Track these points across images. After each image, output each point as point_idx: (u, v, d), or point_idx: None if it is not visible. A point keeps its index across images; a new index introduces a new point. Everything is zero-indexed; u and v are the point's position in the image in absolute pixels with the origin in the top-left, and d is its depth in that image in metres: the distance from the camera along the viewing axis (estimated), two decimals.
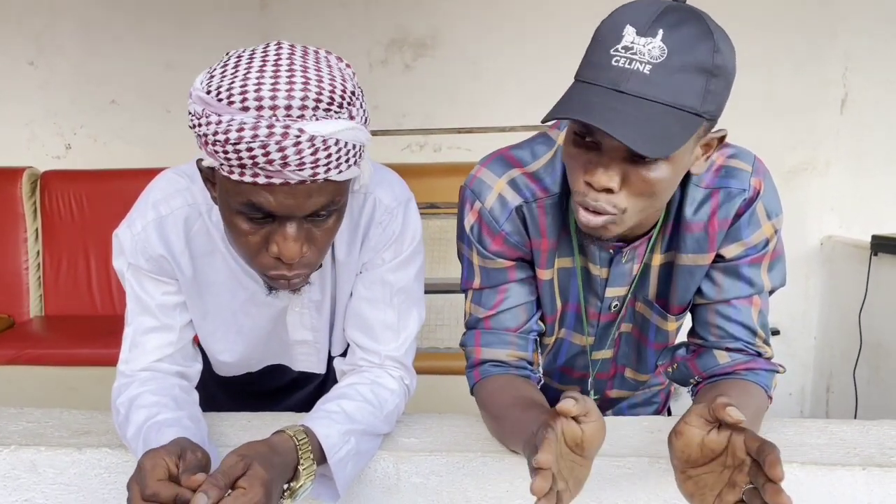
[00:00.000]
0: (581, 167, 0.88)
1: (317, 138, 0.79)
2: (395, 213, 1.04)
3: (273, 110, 0.77)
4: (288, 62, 0.81)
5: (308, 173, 0.81)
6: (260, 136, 0.78)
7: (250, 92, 0.78)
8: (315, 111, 0.79)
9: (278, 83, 0.78)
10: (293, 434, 0.88)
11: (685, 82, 0.81)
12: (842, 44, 3.24)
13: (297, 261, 0.89)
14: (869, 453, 0.99)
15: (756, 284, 1.05)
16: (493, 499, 1.00)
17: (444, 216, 2.91)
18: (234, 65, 0.81)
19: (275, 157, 0.78)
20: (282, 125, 0.78)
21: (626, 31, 0.81)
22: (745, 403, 0.96)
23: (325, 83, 0.80)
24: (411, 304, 1.10)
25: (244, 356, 1.19)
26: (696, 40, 0.81)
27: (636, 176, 0.86)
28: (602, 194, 0.87)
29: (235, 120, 0.78)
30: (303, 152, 0.79)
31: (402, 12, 3.40)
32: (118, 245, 1.03)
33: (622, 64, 0.81)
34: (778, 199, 1.04)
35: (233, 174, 0.82)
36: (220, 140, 0.79)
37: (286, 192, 0.82)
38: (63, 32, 3.53)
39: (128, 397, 1.00)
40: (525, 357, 1.09)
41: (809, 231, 3.37)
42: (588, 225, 0.91)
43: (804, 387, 3.48)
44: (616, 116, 0.80)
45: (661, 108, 0.80)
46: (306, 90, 0.79)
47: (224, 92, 0.79)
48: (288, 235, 0.86)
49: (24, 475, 1.03)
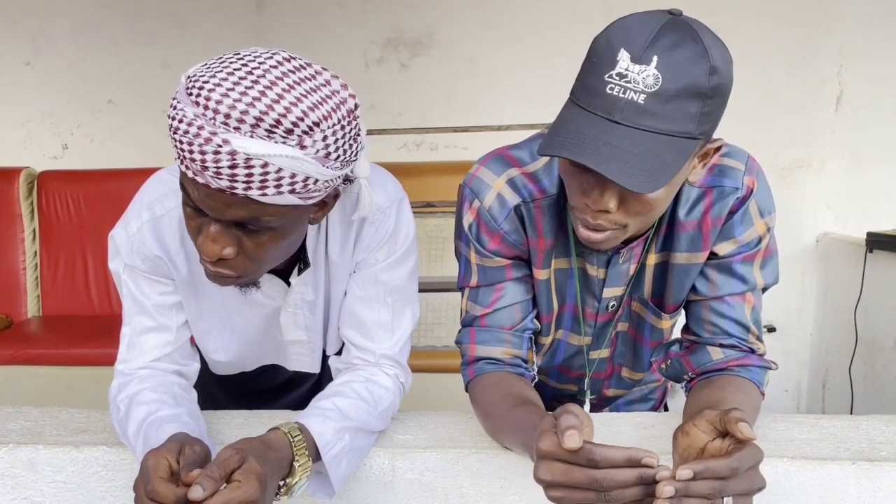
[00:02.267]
0: (578, 187, 0.89)
1: (239, 154, 0.77)
2: (387, 213, 1.04)
3: (214, 113, 0.77)
4: (262, 72, 0.79)
5: (225, 184, 0.80)
6: (189, 133, 0.78)
7: (205, 90, 0.78)
8: (253, 128, 0.77)
9: (234, 90, 0.77)
10: (287, 431, 0.89)
11: (680, 109, 0.81)
12: (837, 41, 3.24)
13: (219, 261, 0.89)
14: (859, 448, 1.00)
15: (749, 281, 1.06)
16: (488, 495, 1.01)
17: (441, 215, 2.92)
18: (220, 61, 0.82)
19: (196, 157, 0.79)
20: (210, 130, 0.77)
21: (621, 55, 0.81)
22: (742, 402, 0.97)
23: (282, 104, 0.78)
24: (405, 303, 1.10)
25: (238, 356, 1.20)
26: (690, 64, 0.80)
27: (633, 198, 0.87)
28: (601, 213, 0.89)
29: (183, 110, 0.79)
30: (220, 163, 0.78)
31: (398, 12, 3.40)
32: (114, 246, 1.03)
33: (616, 92, 0.81)
34: (771, 198, 1.04)
35: (177, 158, 0.83)
36: (169, 124, 0.81)
37: (206, 194, 0.83)
38: (59, 32, 3.52)
39: (127, 394, 1.01)
40: (519, 355, 1.09)
41: (805, 228, 3.38)
42: (589, 240, 0.93)
43: (800, 383, 3.50)
44: (609, 151, 0.80)
45: (656, 137, 0.81)
46: (253, 105, 0.77)
47: (192, 81, 0.80)
48: (209, 233, 0.87)
49: (22, 473, 1.04)
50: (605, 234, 0.91)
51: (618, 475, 0.70)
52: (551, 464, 0.74)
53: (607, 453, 0.71)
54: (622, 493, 0.71)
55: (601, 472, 0.71)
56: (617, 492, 0.71)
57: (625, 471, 0.70)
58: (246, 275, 0.93)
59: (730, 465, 0.71)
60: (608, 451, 0.71)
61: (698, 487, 0.71)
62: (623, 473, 0.70)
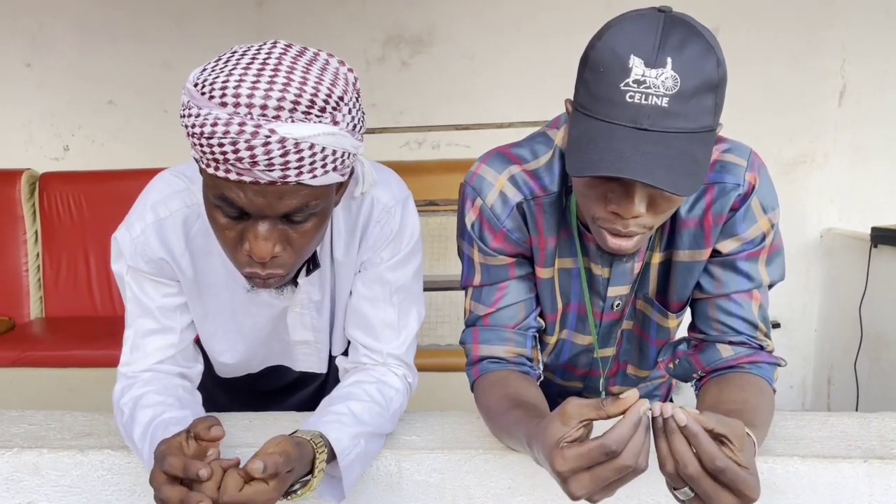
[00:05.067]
0: (601, 198, 0.89)
1: (288, 140, 0.78)
2: (392, 212, 1.04)
3: (248, 108, 0.77)
4: (276, 61, 0.80)
5: (278, 175, 0.80)
6: (231, 133, 0.77)
7: (230, 88, 0.77)
8: (292, 113, 0.78)
9: (259, 81, 0.77)
10: (316, 445, 0.87)
11: (700, 105, 0.82)
12: (840, 35, 3.23)
13: (270, 261, 0.88)
14: (870, 445, 1.00)
15: (755, 279, 1.05)
16: (495, 496, 1.00)
17: (444, 213, 2.91)
18: (226, 59, 0.81)
19: (244, 155, 0.78)
20: (253, 123, 0.77)
21: (633, 62, 0.81)
22: (762, 406, 0.97)
23: (309, 85, 0.79)
24: (411, 303, 1.10)
25: (245, 357, 1.19)
26: (702, 60, 0.81)
27: (661, 198, 0.87)
28: (632, 220, 0.88)
29: (212, 114, 0.78)
30: (272, 153, 0.78)
31: (398, 9, 3.39)
32: (117, 248, 1.02)
33: (638, 100, 0.80)
34: (774, 194, 1.03)
35: (209, 167, 0.82)
36: (196, 133, 0.79)
37: (256, 191, 0.82)
38: (59, 33, 3.52)
39: (131, 397, 1.00)
40: (523, 353, 1.09)
41: (809, 223, 3.37)
42: (620, 250, 0.92)
43: (805, 379, 3.49)
44: (649, 161, 0.80)
45: (686, 136, 0.81)
46: (285, 91, 0.77)
47: (207, 86, 0.79)
48: (259, 234, 0.86)
49: (26, 478, 1.03)
50: (636, 240, 0.91)
51: (634, 445, 0.69)
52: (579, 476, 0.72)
53: (617, 436, 0.69)
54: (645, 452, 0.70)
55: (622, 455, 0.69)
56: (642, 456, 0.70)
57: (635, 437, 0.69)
58: (292, 270, 0.94)
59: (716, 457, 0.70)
60: (616, 433, 0.70)
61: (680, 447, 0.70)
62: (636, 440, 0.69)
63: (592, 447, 0.70)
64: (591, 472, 0.71)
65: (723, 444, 0.73)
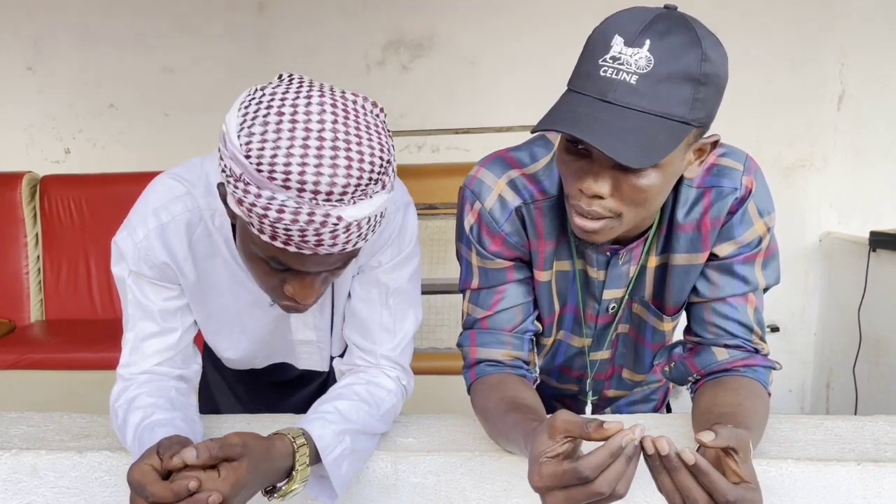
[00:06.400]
0: (573, 174, 0.89)
1: (353, 224, 0.80)
2: (391, 218, 1.05)
3: (315, 194, 0.77)
4: (332, 134, 0.77)
5: (338, 249, 0.83)
6: (300, 221, 0.78)
7: (294, 173, 0.76)
8: (354, 195, 0.79)
9: (322, 164, 0.76)
10: (293, 438, 0.89)
11: (672, 91, 0.81)
12: (838, 39, 3.24)
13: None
14: (864, 448, 1.00)
15: (751, 282, 1.05)
16: (491, 498, 1.01)
17: (443, 217, 2.92)
18: (275, 127, 0.77)
19: (310, 239, 0.80)
20: (322, 212, 0.78)
21: (615, 41, 0.82)
22: (757, 409, 0.97)
23: (366, 160, 0.78)
24: (407, 306, 1.10)
25: (249, 354, 1.21)
26: (683, 49, 0.81)
27: (626, 183, 0.86)
28: (595, 200, 0.88)
29: (276, 199, 0.77)
30: (338, 236, 0.81)
31: (399, 14, 3.40)
32: (118, 252, 1.03)
33: (609, 74, 0.82)
34: (770, 198, 1.04)
35: (263, 235, 0.82)
36: (258, 213, 0.79)
37: (312, 260, 0.85)
38: (60, 37, 3.53)
39: (125, 400, 1.01)
40: (520, 356, 1.09)
41: (808, 227, 3.37)
42: (583, 229, 0.92)
43: (804, 383, 3.49)
44: (601, 127, 0.80)
45: (648, 117, 0.81)
46: (349, 175, 0.77)
47: (266, 166, 0.76)
48: (306, 284, 0.90)
49: (25, 479, 1.04)
50: (600, 224, 0.90)
51: (610, 473, 0.69)
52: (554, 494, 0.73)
53: (592, 462, 0.70)
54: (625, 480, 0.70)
55: (596, 481, 0.70)
56: (620, 484, 0.70)
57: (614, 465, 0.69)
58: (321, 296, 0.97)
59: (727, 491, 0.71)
60: (591, 459, 0.70)
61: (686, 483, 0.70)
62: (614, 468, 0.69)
63: (567, 469, 0.71)
64: (566, 492, 0.72)
65: (728, 456, 0.74)
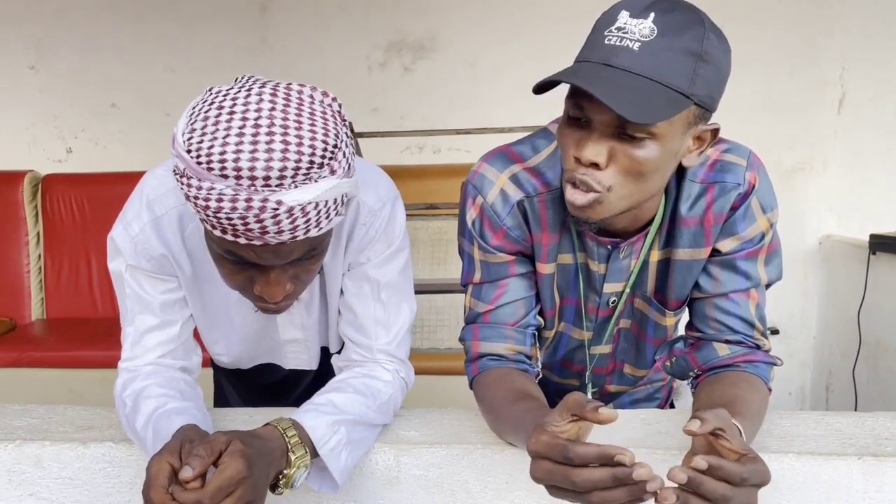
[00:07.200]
0: (573, 143, 0.90)
1: (295, 208, 0.79)
2: (378, 214, 1.05)
3: (252, 180, 0.76)
4: (268, 121, 0.77)
5: (287, 237, 0.82)
6: (239, 209, 0.77)
7: (229, 161, 0.76)
8: (294, 178, 0.77)
9: (257, 150, 0.76)
10: (277, 424, 0.90)
11: (673, 61, 0.83)
12: (838, 43, 3.25)
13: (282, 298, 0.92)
14: (865, 443, 1.00)
15: (753, 278, 1.06)
16: (494, 490, 1.01)
17: (444, 217, 2.93)
18: (213, 120, 0.78)
19: (253, 226, 0.79)
20: (260, 198, 0.77)
21: (621, 14, 0.85)
22: (754, 400, 0.98)
23: (306, 145, 0.78)
24: (401, 299, 1.11)
25: (237, 352, 1.21)
26: (686, 25, 0.84)
27: (623, 153, 0.87)
28: (589, 169, 0.89)
29: (215, 189, 0.77)
30: (281, 222, 0.79)
31: (400, 15, 3.41)
32: (114, 247, 1.03)
33: (613, 42, 0.84)
34: (773, 194, 1.05)
35: (214, 230, 0.83)
36: (201, 206, 0.79)
37: (266, 249, 0.84)
38: (63, 36, 3.54)
39: (134, 390, 1.01)
40: (523, 351, 1.10)
41: (808, 230, 3.38)
42: (574, 203, 0.92)
43: (804, 386, 3.49)
44: (603, 83, 0.82)
45: (648, 82, 0.83)
46: (285, 159, 0.76)
47: (204, 156, 0.77)
48: (271, 281, 0.89)
49: (28, 470, 1.04)
50: (590, 197, 0.90)
51: (593, 474, 0.69)
52: (540, 462, 0.74)
53: (581, 450, 0.70)
54: (604, 496, 0.70)
55: (576, 470, 0.70)
56: (597, 494, 0.70)
57: (600, 470, 0.69)
58: (298, 296, 0.98)
59: (741, 472, 0.71)
60: (582, 447, 0.70)
61: (711, 486, 0.70)
62: (598, 473, 0.69)
63: (558, 443, 0.72)
64: (550, 466, 0.72)
65: (718, 438, 0.75)
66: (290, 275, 0.90)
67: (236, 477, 0.77)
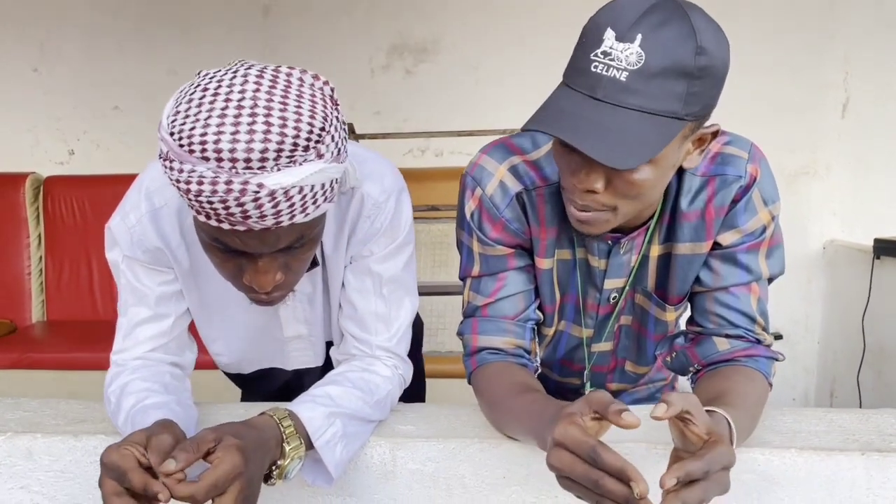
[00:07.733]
0: (567, 168, 0.89)
1: (277, 191, 0.76)
2: (382, 207, 1.03)
3: (232, 162, 0.74)
4: (251, 101, 0.75)
5: (271, 222, 0.79)
6: (219, 192, 0.75)
7: (209, 142, 0.74)
8: (277, 161, 0.75)
9: (238, 132, 0.74)
10: (273, 413, 0.88)
11: (663, 87, 0.80)
12: (842, 47, 3.25)
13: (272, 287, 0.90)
14: (868, 439, 0.99)
15: (754, 271, 1.04)
16: (490, 485, 1.00)
17: (446, 220, 2.91)
18: (198, 101, 0.76)
19: (234, 210, 0.77)
20: (240, 180, 0.74)
21: (607, 34, 0.81)
22: (749, 392, 0.97)
23: (290, 126, 0.75)
24: (402, 294, 1.09)
25: (238, 352, 1.19)
26: (676, 43, 0.79)
27: (619, 179, 0.86)
28: (589, 194, 0.88)
29: (196, 171, 0.75)
30: (263, 206, 0.76)
31: (403, 18, 3.42)
32: (111, 237, 1.02)
33: (599, 70, 0.81)
34: (775, 186, 1.03)
35: (199, 216, 0.81)
36: (183, 189, 0.77)
37: (251, 236, 0.82)
38: (66, 39, 3.55)
39: (118, 385, 1.00)
40: (522, 345, 1.08)
41: (811, 235, 3.37)
42: (578, 222, 0.92)
43: (807, 391, 3.47)
44: (587, 126, 0.80)
45: (638, 115, 0.80)
46: (267, 140, 0.74)
47: (185, 138, 0.75)
48: (259, 269, 0.87)
49: (20, 462, 1.03)
50: (594, 215, 0.90)
51: (612, 485, 0.69)
52: (562, 452, 0.73)
53: (608, 458, 0.69)
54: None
55: (599, 473, 0.70)
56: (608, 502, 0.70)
57: (619, 485, 0.69)
58: (293, 287, 0.95)
59: (701, 467, 0.70)
60: (611, 455, 0.69)
61: (687, 497, 0.69)
62: (617, 486, 0.69)
63: (588, 441, 0.71)
64: (574, 460, 0.72)
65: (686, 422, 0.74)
66: (279, 263, 0.88)
67: (232, 472, 0.76)
